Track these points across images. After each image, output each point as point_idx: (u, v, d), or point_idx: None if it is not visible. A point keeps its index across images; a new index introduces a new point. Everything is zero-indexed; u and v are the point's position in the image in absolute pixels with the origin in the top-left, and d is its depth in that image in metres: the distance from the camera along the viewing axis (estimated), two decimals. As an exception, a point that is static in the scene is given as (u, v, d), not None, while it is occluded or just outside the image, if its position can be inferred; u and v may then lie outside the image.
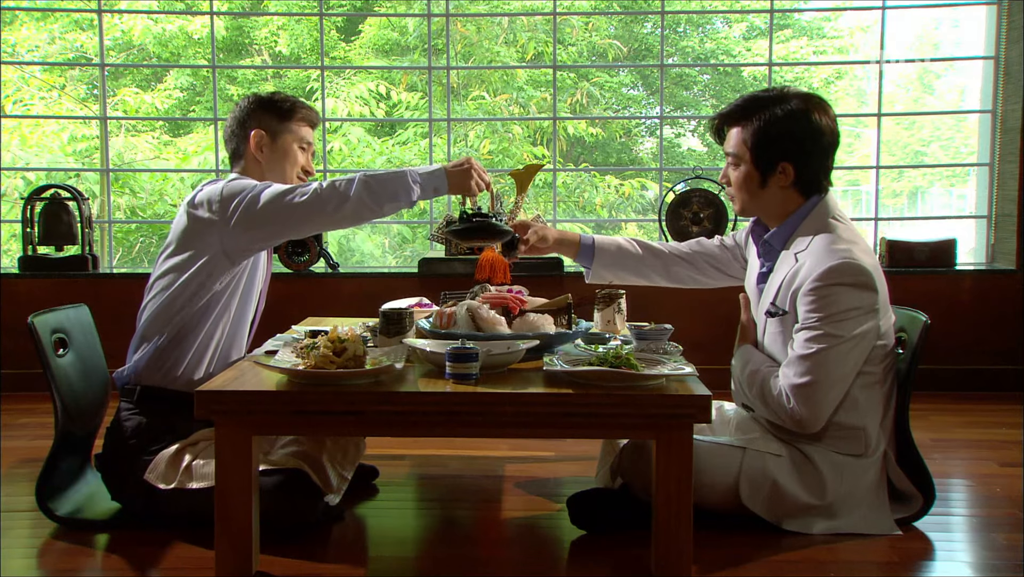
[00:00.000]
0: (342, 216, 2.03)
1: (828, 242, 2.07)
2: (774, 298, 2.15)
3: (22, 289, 3.92)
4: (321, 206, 2.01)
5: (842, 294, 2.01)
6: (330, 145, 7.70)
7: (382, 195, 2.02)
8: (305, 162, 2.35)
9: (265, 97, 2.31)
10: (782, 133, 2.11)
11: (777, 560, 1.98)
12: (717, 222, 4.00)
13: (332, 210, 2.01)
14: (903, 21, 10.42)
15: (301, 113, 2.32)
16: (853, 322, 2.01)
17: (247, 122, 2.28)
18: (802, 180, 2.14)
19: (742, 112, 2.17)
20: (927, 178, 11.51)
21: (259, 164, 2.29)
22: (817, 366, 2.01)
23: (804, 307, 2.04)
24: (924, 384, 3.58)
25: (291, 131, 2.30)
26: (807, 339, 2.03)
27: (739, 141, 2.17)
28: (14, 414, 3.43)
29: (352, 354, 1.80)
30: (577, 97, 8.87)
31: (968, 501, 2.50)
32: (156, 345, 2.16)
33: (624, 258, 2.44)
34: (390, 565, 2.03)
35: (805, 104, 2.13)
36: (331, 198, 2.01)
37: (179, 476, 2.05)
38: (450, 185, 2.10)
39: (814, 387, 2.02)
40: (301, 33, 8.80)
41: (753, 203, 2.21)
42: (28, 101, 7.87)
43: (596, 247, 2.43)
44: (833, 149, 2.17)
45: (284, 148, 2.29)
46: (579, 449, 2.84)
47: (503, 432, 1.87)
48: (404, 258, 8.67)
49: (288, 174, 2.30)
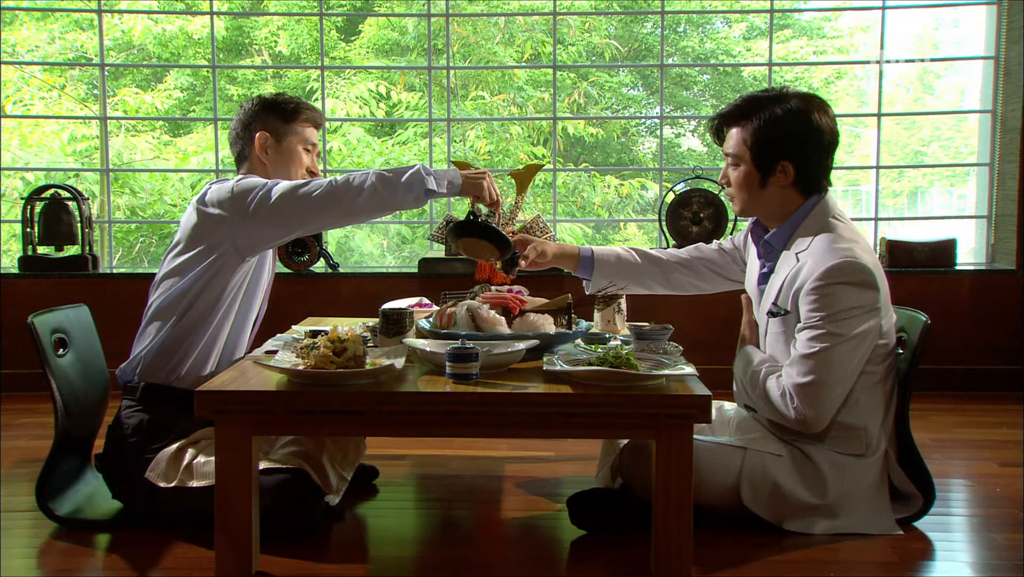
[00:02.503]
0: (357, 209, 2.03)
1: (829, 241, 2.07)
2: (776, 298, 2.15)
3: (22, 289, 3.92)
4: (337, 199, 2.02)
5: (844, 293, 2.01)
6: (329, 145, 7.70)
7: (397, 185, 2.02)
8: (310, 163, 2.35)
9: (269, 99, 2.32)
10: (782, 132, 2.11)
11: (777, 560, 1.98)
12: (717, 222, 4.00)
13: (348, 203, 2.02)
14: (903, 21, 10.42)
15: (305, 114, 2.32)
16: (855, 321, 2.01)
17: (252, 124, 2.29)
18: (802, 179, 2.14)
19: (741, 112, 2.17)
20: (927, 178, 11.51)
21: (264, 166, 2.30)
22: (820, 365, 2.01)
23: (806, 306, 2.04)
24: (924, 384, 3.58)
25: (296, 132, 2.31)
26: (810, 338, 2.03)
27: (739, 141, 2.17)
28: (14, 414, 3.43)
29: (352, 354, 1.80)
30: (576, 97, 8.87)
31: (968, 501, 2.50)
32: (162, 342, 2.16)
33: (624, 268, 2.44)
34: (390, 565, 2.03)
35: (805, 104, 2.13)
36: (347, 191, 2.02)
37: (180, 474, 2.05)
38: (463, 185, 2.11)
39: (817, 386, 2.02)
40: (301, 33, 8.80)
41: (753, 203, 2.20)
42: (28, 101, 7.87)
43: (595, 258, 2.43)
44: (833, 148, 2.17)
45: (289, 150, 2.30)
46: (579, 449, 2.84)
47: (503, 432, 1.87)
48: (404, 258, 8.67)
49: (293, 175, 2.31)
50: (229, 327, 2.22)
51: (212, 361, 2.20)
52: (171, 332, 2.16)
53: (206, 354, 2.19)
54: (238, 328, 2.26)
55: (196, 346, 2.17)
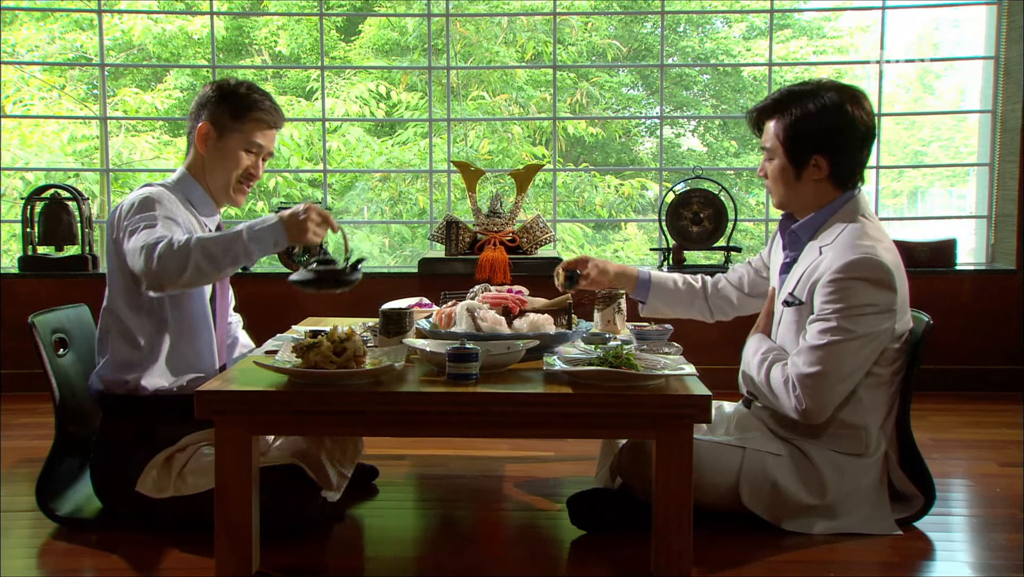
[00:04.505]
0: (182, 283, 1.91)
1: (853, 237, 2.07)
2: (793, 288, 2.15)
3: (22, 289, 3.92)
4: (166, 272, 1.89)
5: (860, 289, 2.00)
6: (329, 145, 7.69)
7: (222, 260, 1.90)
8: (252, 165, 2.21)
9: (228, 89, 2.18)
10: (814, 127, 2.12)
11: (777, 560, 1.98)
12: (717, 222, 4.00)
13: (174, 276, 1.89)
14: (903, 21, 10.41)
15: (257, 114, 2.18)
16: (868, 319, 2.01)
17: (200, 111, 2.19)
18: (836, 174, 2.15)
19: (777, 105, 2.18)
20: (927, 178, 11.50)
21: (202, 158, 2.20)
22: (827, 358, 2.00)
23: (821, 298, 2.04)
24: (924, 384, 3.57)
25: (240, 131, 2.17)
26: (820, 330, 2.02)
27: (773, 135, 2.18)
28: (14, 414, 3.43)
29: (352, 354, 1.80)
30: (577, 97, 8.87)
31: (968, 501, 2.50)
32: (111, 349, 2.13)
33: (677, 294, 2.50)
34: (390, 565, 2.03)
35: (839, 96, 2.13)
36: (170, 264, 1.88)
37: (172, 484, 2.04)
38: (288, 236, 1.95)
39: (822, 378, 2.01)
40: (301, 33, 8.79)
41: (789, 196, 2.21)
42: (28, 101, 7.87)
43: (652, 282, 2.48)
44: (868, 143, 2.17)
45: (227, 149, 2.18)
46: (579, 449, 2.84)
47: (503, 432, 1.87)
48: (403, 258, 8.66)
49: (227, 177, 2.19)
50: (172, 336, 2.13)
51: (163, 371, 2.12)
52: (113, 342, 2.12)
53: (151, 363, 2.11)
54: (190, 336, 2.15)
55: (141, 356, 2.11)
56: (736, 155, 9.93)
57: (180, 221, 2.08)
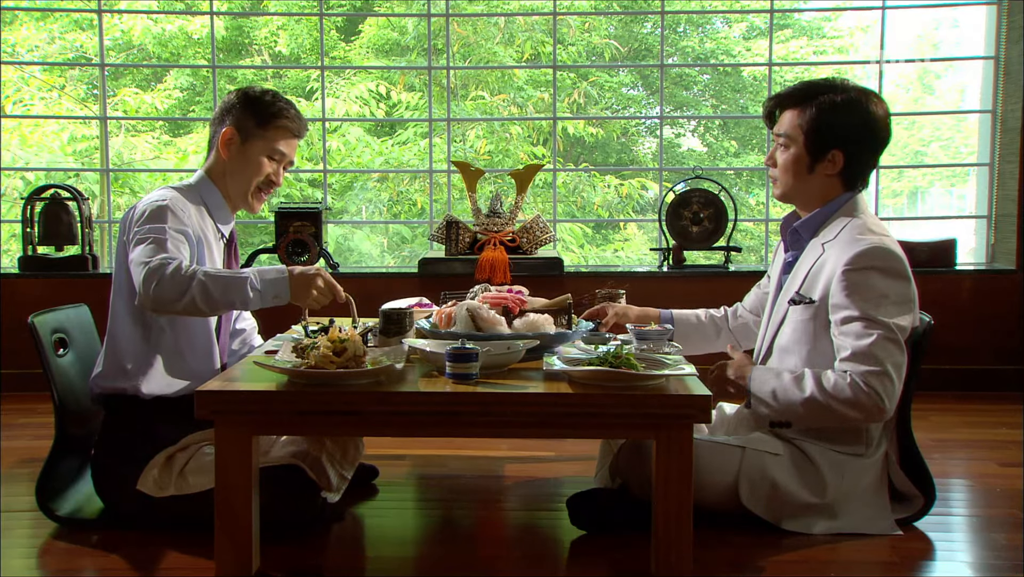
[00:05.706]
0: (174, 312, 1.93)
1: (856, 231, 2.07)
2: (799, 287, 2.14)
3: (22, 289, 3.92)
4: (161, 300, 1.89)
5: (873, 279, 2.00)
6: (329, 145, 7.70)
7: (219, 301, 1.91)
8: (273, 173, 2.23)
9: (254, 95, 2.20)
10: (839, 120, 2.12)
11: (777, 560, 1.98)
12: (717, 222, 4.00)
13: (167, 305, 1.90)
14: (903, 21, 10.42)
15: (282, 122, 2.19)
16: (893, 308, 1.99)
17: (226, 116, 2.20)
18: (848, 170, 2.15)
19: (801, 96, 2.17)
20: (927, 178, 11.50)
21: (223, 163, 2.21)
22: (884, 355, 1.96)
23: (839, 295, 2.01)
24: (924, 384, 3.56)
25: (264, 138, 2.19)
26: (864, 328, 1.97)
27: (793, 124, 2.17)
28: (14, 414, 3.43)
29: (352, 354, 1.80)
30: (576, 97, 8.87)
31: (968, 501, 2.50)
32: (112, 353, 2.13)
33: (702, 328, 2.54)
34: (390, 565, 2.03)
35: (863, 95, 2.14)
36: (167, 293, 1.89)
37: (173, 483, 2.04)
38: (291, 295, 1.97)
39: (889, 376, 1.96)
40: (301, 33, 8.79)
41: (796, 187, 2.20)
42: (28, 101, 7.87)
43: (675, 320, 2.52)
44: (883, 146, 2.17)
45: (250, 156, 2.19)
46: (579, 449, 2.84)
47: (503, 432, 1.87)
48: (403, 258, 8.67)
49: (248, 184, 2.21)
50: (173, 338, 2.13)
51: (162, 372, 2.12)
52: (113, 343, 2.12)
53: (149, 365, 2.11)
54: (190, 337, 2.15)
55: (144, 357, 2.10)
56: (736, 155, 9.94)
57: (191, 234, 2.08)
